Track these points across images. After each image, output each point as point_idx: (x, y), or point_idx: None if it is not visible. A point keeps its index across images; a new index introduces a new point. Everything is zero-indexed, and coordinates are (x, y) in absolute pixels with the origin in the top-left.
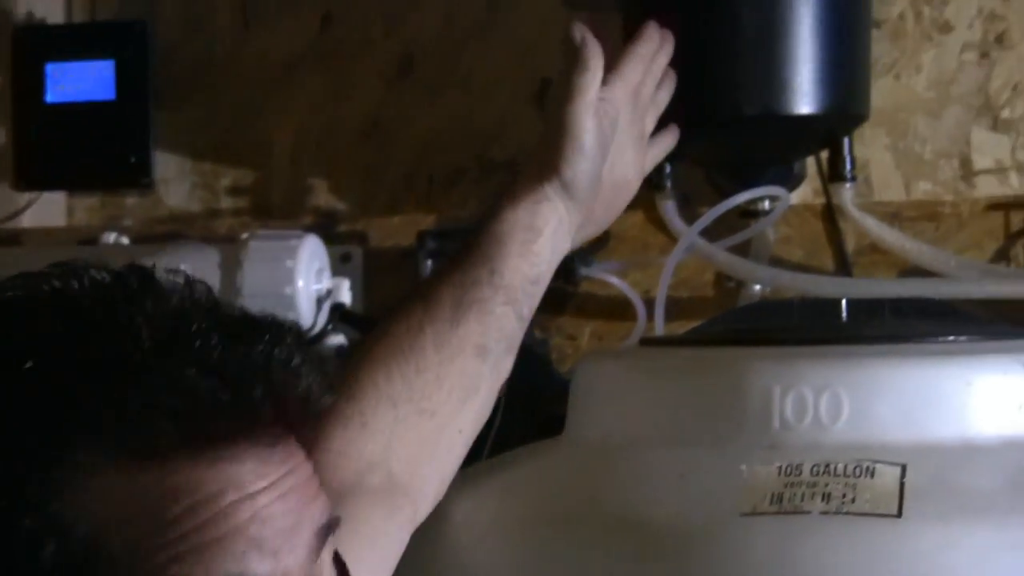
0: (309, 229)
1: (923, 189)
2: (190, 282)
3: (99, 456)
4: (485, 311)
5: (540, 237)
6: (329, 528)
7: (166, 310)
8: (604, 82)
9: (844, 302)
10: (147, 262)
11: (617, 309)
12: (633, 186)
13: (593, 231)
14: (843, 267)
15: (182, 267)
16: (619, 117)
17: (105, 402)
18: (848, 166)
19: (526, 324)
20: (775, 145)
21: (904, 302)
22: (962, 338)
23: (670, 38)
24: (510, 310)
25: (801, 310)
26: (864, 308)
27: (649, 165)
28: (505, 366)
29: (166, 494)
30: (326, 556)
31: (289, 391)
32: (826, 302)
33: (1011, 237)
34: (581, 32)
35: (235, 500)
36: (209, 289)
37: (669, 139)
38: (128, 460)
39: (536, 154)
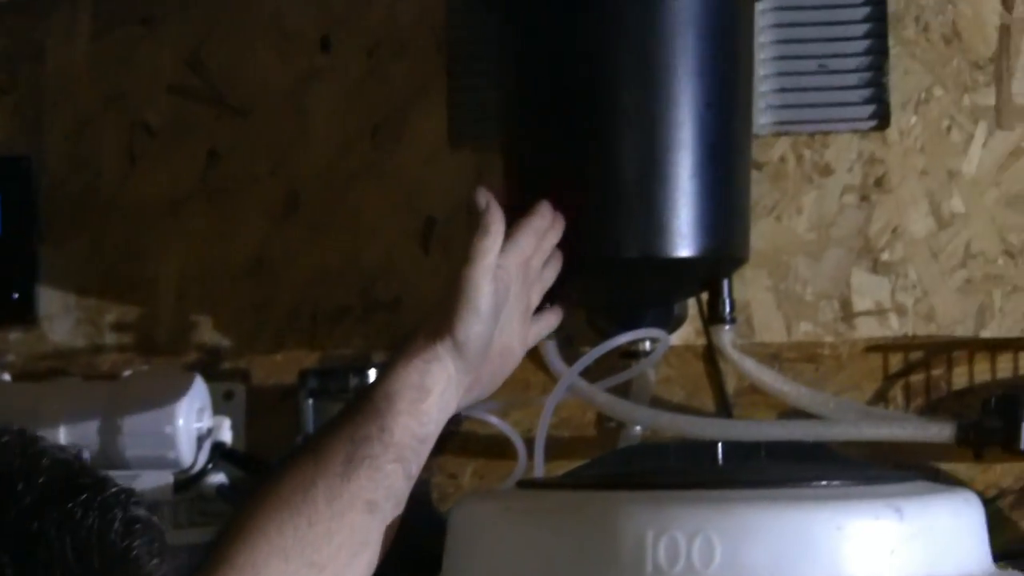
0: (194, 366)
1: (804, 330)
2: (25, 443)
3: None
4: (375, 467)
5: (429, 396)
6: None
7: None
8: (500, 249)
9: (720, 445)
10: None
11: (499, 448)
12: (517, 356)
13: (478, 395)
14: (723, 408)
15: (63, 405)
16: (511, 285)
17: None
18: (727, 308)
19: (413, 482)
20: (655, 287)
21: (780, 444)
22: (835, 482)
23: (561, 220)
24: (399, 468)
25: (677, 453)
26: (740, 451)
27: (532, 340)
28: (393, 522)
29: None
30: None
31: (99, 563)
32: (702, 444)
33: (889, 379)
34: (485, 198)
35: None
36: (47, 450)
37: (552, 318)
38: None
39: (432, 313)
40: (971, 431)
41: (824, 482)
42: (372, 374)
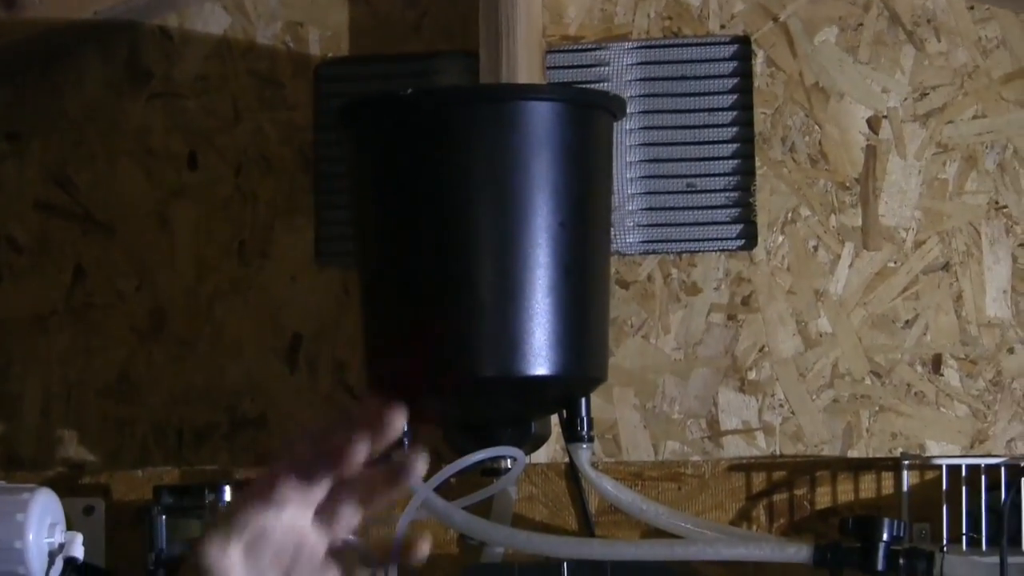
0: (56, 480)
1: (671, 449)
2: None
3: None
4: None
5: None
6: None
7: None
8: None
9: (565, 564)
10: None
11: None
12: None
13: None
14: (585, 526)
15: None
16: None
17: None
18: (585, 427)
19: None
20: (511, 406)
21: (629, 564)
22: None
23: (394, 421)
24: None
25: (523, 573)
26: (586, 570)
27: None
28: None
29: None
30: None
31: None
32: (550, 564)
33: (752, 498)
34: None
35: None
36: None
37: None
38: None
39: None
40: (829, 552)
41: None
42: (228, 491)
